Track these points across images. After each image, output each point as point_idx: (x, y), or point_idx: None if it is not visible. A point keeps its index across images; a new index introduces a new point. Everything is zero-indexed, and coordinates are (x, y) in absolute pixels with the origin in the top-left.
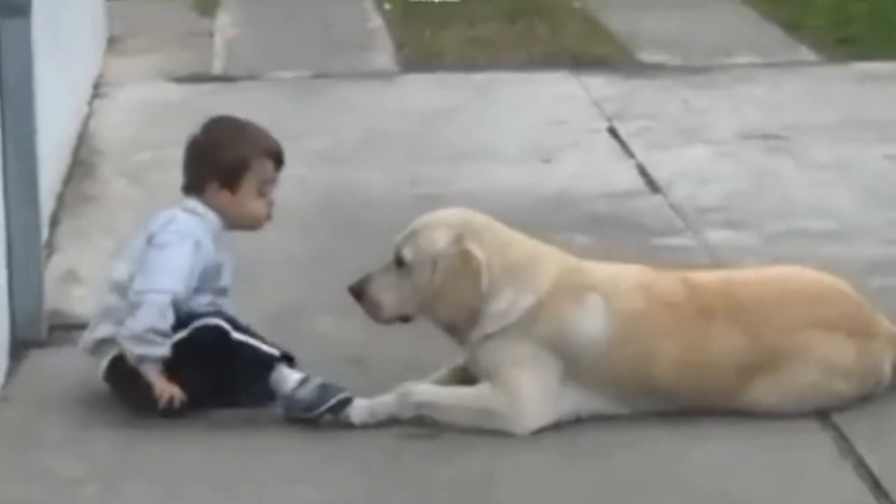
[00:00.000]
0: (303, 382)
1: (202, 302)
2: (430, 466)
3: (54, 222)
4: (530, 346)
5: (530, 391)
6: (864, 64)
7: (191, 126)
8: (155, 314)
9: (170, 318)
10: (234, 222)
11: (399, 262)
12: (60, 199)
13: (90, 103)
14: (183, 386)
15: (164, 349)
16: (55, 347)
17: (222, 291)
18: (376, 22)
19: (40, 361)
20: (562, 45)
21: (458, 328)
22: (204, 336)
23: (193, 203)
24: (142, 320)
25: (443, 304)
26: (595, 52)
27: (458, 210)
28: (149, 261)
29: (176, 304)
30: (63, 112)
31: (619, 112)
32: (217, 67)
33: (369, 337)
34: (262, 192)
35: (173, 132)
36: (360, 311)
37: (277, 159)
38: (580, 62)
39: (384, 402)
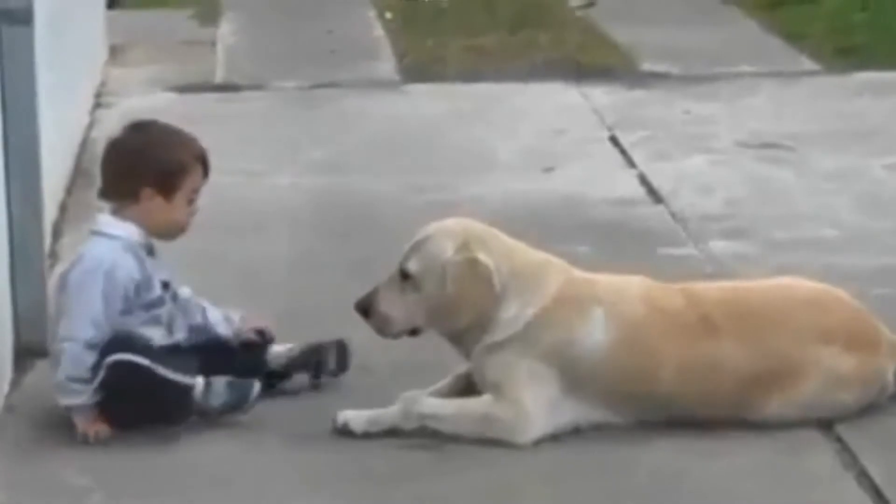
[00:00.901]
0: (208, 387)
1: (135, 322)
2: (432, 476)
3: (57, 232)
4: (533, 356)
5: (533, 401)
6: (865, 74)
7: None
8: (70, 364)
9: (87, 363)
10: (156, 231)
11: (404, 276)
12: (63, 208)
13: (92, 112)
14: (115, 419)
15: (84, 397)
16: None
17: (159, 301)
18: (378, 31)
19: (44, 370)
20: (564, 55)
21: (464, 338)
22: (120, 375)
23: (106, 222)
24: (62, 370)
25: (456, 312)
26: (597, 62)
27: (459, 219)
28: (64, 306)
29: (104, 335)
30: (65, 121)
31: (621, 121)
32: (219, 77)
33: (372, 344)
34: (190, 200)
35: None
36: (361, 320)
37: (206, 167)
38: (582, 72)
39: (387, 413)
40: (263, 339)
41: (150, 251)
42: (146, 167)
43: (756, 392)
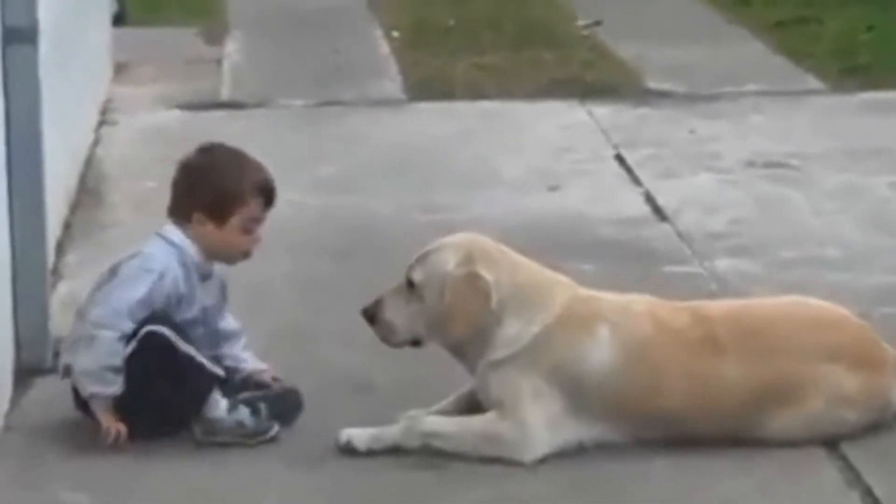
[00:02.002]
0: (232, 408)
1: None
2: (436, 495)
3: (60, 249)
4: (537, 373)
5: (536, 419)
6: (871, 93)
7: None
8: (105, 353)
9: (121, 353)
10: (214, 255)
11: (410, 285)
12: (67, 226)
13: (97, 130)
14: (131, 414)
15: (115, 388)
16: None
17: (194, 321)
18: (384, 50)
19: (45, 388)
20: (570, 73)
21: (468, 353)
22: (150, 343)
23: (172, 230)
24: (95, 357)
25: (451, 325)
26: (603, 80)
27: (469, 234)
28: (108, 293)
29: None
30: (70, 139)
31: (627, 140)
32: (224, 94)
33: (375, 363)
34: (247, 230)
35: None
36: (367, 338)
37: (269, 198)
38: (588, 90)
39: (390, 431)
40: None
41: (205, 276)
42: (200, 192)
43: (760, 410)
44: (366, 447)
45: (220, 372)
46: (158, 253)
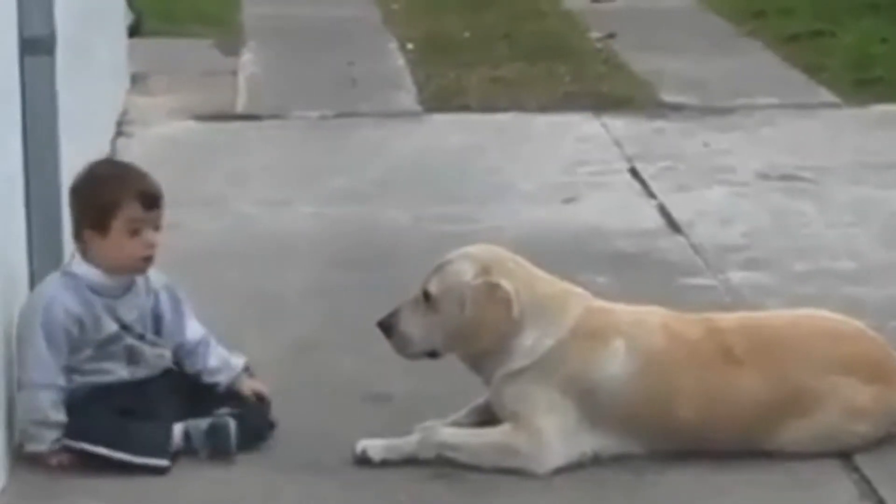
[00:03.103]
0: (187, 440)
1: (80, 358)
2: None
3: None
4: (552, 385)
5: (551, 431)
6: (885, 106)
7: (214, 163)
8: (26, 410)
9: (43, 403)
10: (112, 267)
11: (426, 297)
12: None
13: (113, 141)
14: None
15: (46, 444)
16: None
17: (115, 338)
18: (399, 62)
19: None
20: (583, 86)
21: (484, 364)
22: (83, 456)
23: (76, 262)
24: (22, 418)
25: (474, 336)
26: (617, 93)
27: (485, 246)
28: (19, 353)
29: (54, 371)
30: (87, 150)
31: (641, 153)
32: (240, 106)
33: (390, 374)
34: (132, 231)
35: (196, 170)
36: (382, 349)
37: (144, 198)
38: (602, 103)
39: (405, 442)
40: (261, 406)
41: (118, 292)
42: (83, 209)
43: (774, 422)
44: (381, 458)
45: (159, 463)
46: (42, 287)
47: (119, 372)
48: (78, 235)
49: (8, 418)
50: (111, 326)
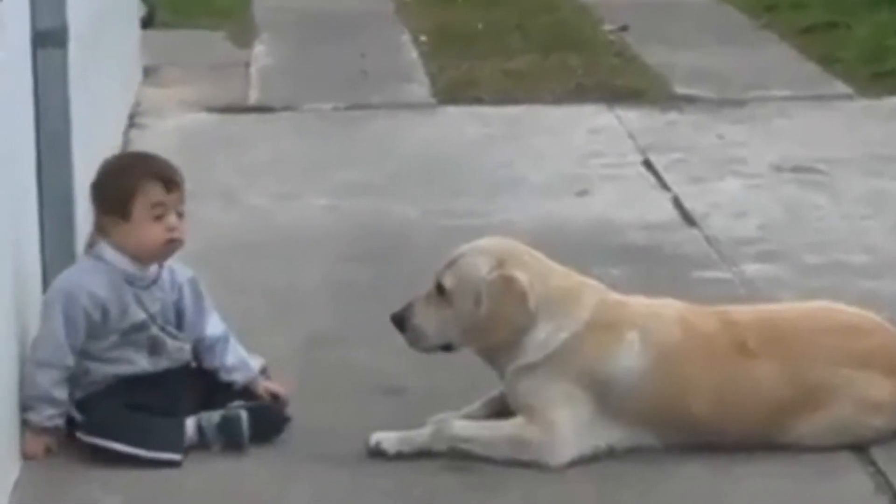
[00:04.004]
0: (201, 434)
1: (103, 346)
2: (465, 499)
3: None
4: (567, 378)
5: (565, 424)
6: None
7: (226, 155)
8: (26, 383)
9: (41, 383)
10: (139, 254)
11: (440, 290)
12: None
13: (126, 133)
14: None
15: (37, 417)
16: None
17: (141, 326)
18: (412, 54)
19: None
20: (597, 78)
21: (498, 357)
22: (100, 451)
23: (101, 246)
24: (31, 388)
25: (491, 329)
26: (630, 85)
27: (499, 238)
28: (38, 334)
29: (63, 354)
30: (99, 142)
31: (655, 145)
32: (253, 98)
33: (403, 368)
34: (156, 216)
35: (209, 163)
36: (395, 342)
37: (165, 181)
38: (615, 95)
39: (418, 435)
40: (276, 403)
41: (145, 283)
42: (104, 199)
43: (789, 416)
44: (395, 450)
45: (172, 457)
46: (69, 271)
47: (141, 362)
48: (101, 227)
49: (20, 414)
50: (139, 315)
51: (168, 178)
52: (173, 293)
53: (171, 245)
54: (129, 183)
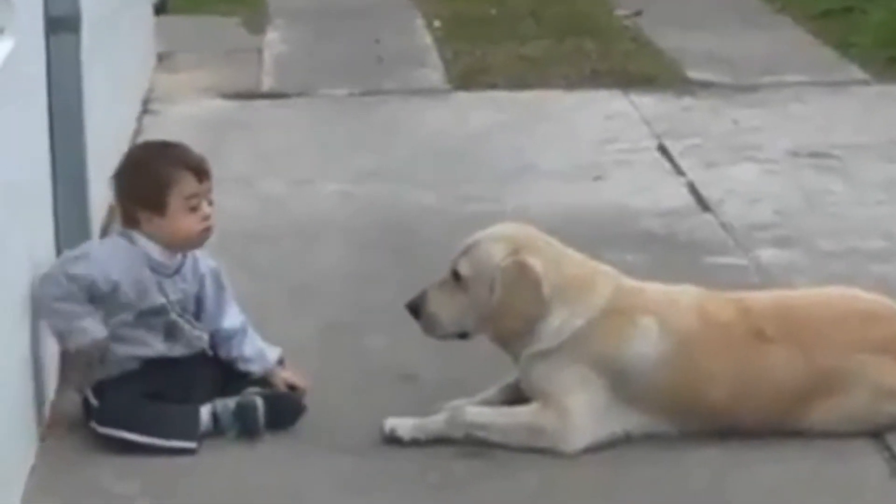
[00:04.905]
0: (216, 421)
1: (118, 320)
2: (480, 485)
3: (104, 235)
4: (582, 364)
5: (580, 410)
6: None
7: (240, 142)
8: (65, 309)
9: (76, 299)
10: (174, 245)
11: (455, 277)
12: (111, 213)
13: (139, 119)
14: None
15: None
16: None
17: (160, 310)
18: (426, 39)
19: None
20: (611, 64)
21: (513, 344)
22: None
23: (134, 234)
24: (60, 320)
25: (505, 317)
26: (645, 71)
27: (514, 224)
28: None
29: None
30: (113, 128)
31: (669, 130)
32: (266, 84)
33: (419, 354)
34: (191, 208)
35: (222, 148)
36: (411, 328)
37: (197, 171)
38: (630, 80)
39: (433, 421)
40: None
41: (169, 272)
42: (134, 192)
43: (806, 402)
44: (410, 437)
45: (187, 445)
46: (105, 247)
47: (156, 346)
48: (132, 219)
49: (36, 396)
50: (158, 299)
51: (200, 169)
52: (195, 283)
53: (207, 234)
54: (163, 175)
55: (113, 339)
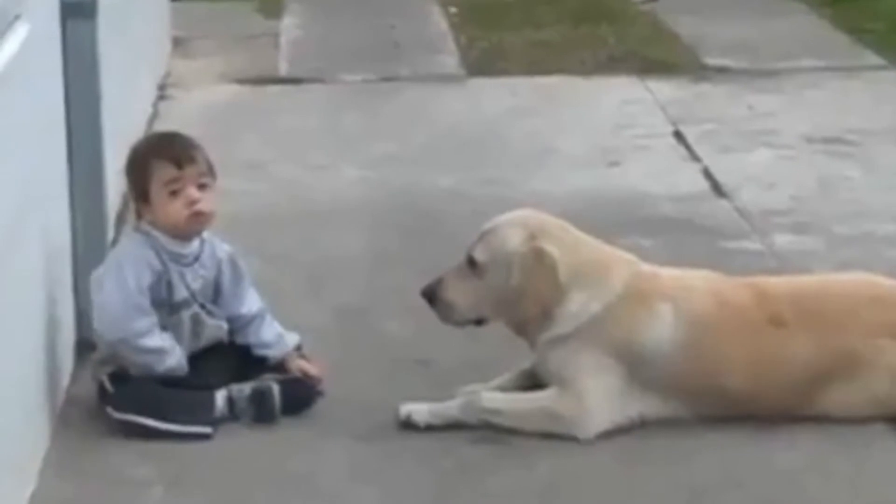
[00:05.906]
0: (231, 406)
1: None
2: (495, 470)
3: (120, 222)
4: (598, 350)
5: (596, 396)
6: None
7: (256, 127)
8: (145, 350)
9: (154, 336)
10: (170, 230)
11: (471, 264)
12: (126, 200)
13: (155, 105)
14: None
15: (171, 361)
16: None
17: (184, 303)
18: (442, 25)
19: None
20: (628, 49)
21: (529, 329)
22: (132, 428)
23: (141, 224)
24: (143, 363)
25: (521, 303)
26: (661, 56)
27: (530, 211)
28: (99, 307)
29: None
30: (129, 113)
31: (685, 116)
32: (282, 69)
33: (434, 339)
34: (172, 192)
35: (238, 134)
36: (426, 313)
37: (174, 159)
38: (646, 66)
39: (448, 406)
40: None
41: (185, 260)
42: (130, 186)
43: (822, 387)
44: (425, 422)
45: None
46: (128, 243)
47: (186, 343)
48: (137, 211)
49: (49, 385)
50: (183, 292)
51: (175, 155)
52: (213, 269)
53: (198, 218)
54: (142, 165)
55: None
